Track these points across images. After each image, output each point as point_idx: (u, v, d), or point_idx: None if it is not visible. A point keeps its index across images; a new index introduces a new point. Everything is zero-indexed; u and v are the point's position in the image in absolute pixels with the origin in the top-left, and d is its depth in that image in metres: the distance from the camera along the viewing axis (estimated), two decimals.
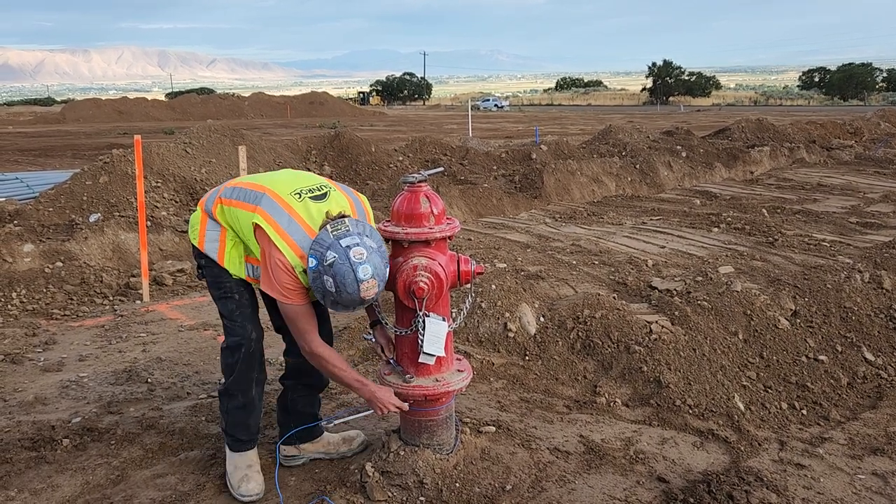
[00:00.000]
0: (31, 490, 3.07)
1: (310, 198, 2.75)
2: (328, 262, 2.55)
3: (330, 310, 2.84)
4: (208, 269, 2.99)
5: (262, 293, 2.90)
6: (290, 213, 2.70)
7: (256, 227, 2.72)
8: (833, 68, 77.54)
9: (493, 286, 4.90)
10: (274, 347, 4.74)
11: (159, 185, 9.10)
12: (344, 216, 2.68)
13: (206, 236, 2.95)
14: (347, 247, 2.56)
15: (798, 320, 4.79)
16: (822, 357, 4.46)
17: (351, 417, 3.34)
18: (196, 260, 3.07)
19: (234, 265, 2.92)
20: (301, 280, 2.71)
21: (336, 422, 3.11)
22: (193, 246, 3.02)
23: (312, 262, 2.59)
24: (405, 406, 2.91)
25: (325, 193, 2.79)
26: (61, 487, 3.09)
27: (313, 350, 2.81)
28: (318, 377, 3.18)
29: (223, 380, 3.08)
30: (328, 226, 2.63)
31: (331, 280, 2.56)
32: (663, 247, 7.28)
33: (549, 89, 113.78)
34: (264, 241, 2.72)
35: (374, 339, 3.14)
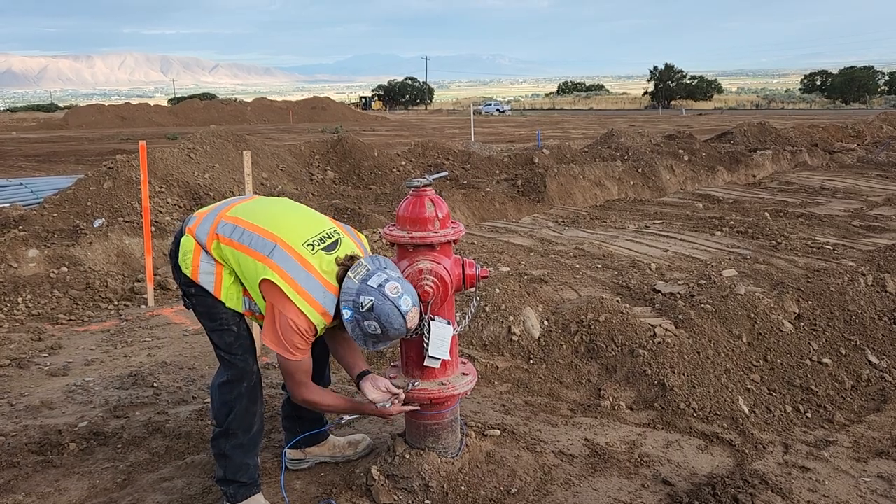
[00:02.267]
0: (38, 494, 3.08)
1: (322, 249, 2.63)
2: (366, 308, 2.52)
3: (370, 349, 2.74)
4: (199, 299, 2.76)
5: None
6: (307, 268, 2.57)
7: (267, 281, 2.57)
8: (835, 71, 77.53)
9: (497, 290, 4.91)
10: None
11: (163, 190, 9.13)
12: (354, 257, 2.65)
13: (200, 268, 2.71)
14: (380, 286, 2.54)
15: (802, 323, 4.79)
16: (826, 360, 4.47)
17: (354, 417, 3.32)
18: (183, 287, 2.81)
19: (232, 299, 2.73)
20: (315, 336, 2.63)
21: (342, 422, 3.11)
22: (182, 273, 2.76)
23: (347, 314, 2.55)
24: (411, 407, 2.89)
25: (336, 242, 2.69)
26: (68, 491, 3.10)
27: (308, 399, 2.77)
28: (322, 381, 3.14)
29: (217, 421, 2.83)
30: (349, 273, 2.58)
31: (375, 323, 2.54)
32: (666, 250, 7.28)
33: (550, 93, 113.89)
34: (275, 297, 2.56)
35: (367, 401, 2.86)
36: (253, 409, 2.83)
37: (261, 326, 2.74)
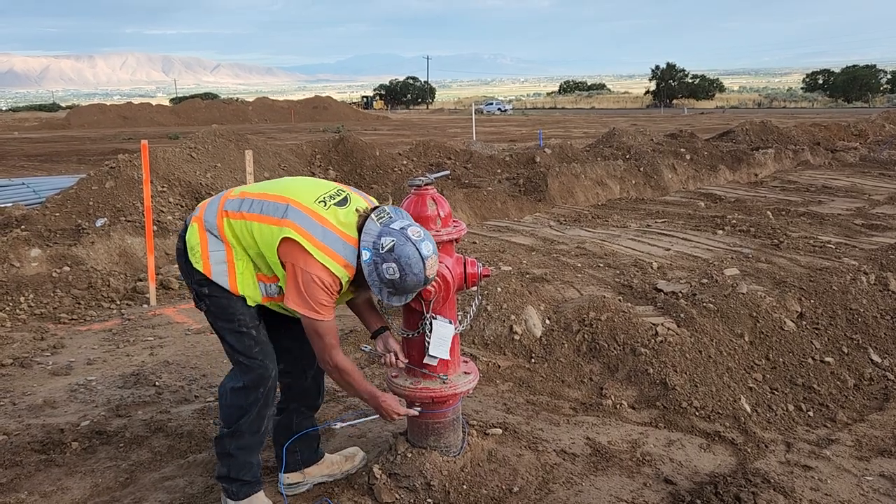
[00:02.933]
0: (40, 493, 3.09)
1: (334, 204, 2.59)
2: (386, 248, 2.46)
3: (385, 302, 2.66)
4: (213, 299, 2.66)
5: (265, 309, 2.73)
6: (322, 222, 2.54)
7: (286, 241, 2.51)
8: (837, 70, 77.41)
9: (499, 289, 4.91)
10: None
11: (165, 189, 9.14)
12: (377, 207, 2.61)
13: (211, 258, 2.63)
14: (402, 228, 2.50)
15: (804, 322, 4.79)
16: (828, 359, 4.46)
17: (358, 421, 3.31)
18: (195, 287, 2.71)
19: (249, 288, 2.65)
20: (339, 292, 2.58)
21: (343, 425, 3.11)
22: (194, 270, 2.66)
23: (366, 255, 2.50)
24: (412, 412, 2.87)
25: (346, 198, 2.64)
26: (71, 490, 3.11)
27: (338, 364, 2.65)
28: (317, 397, 3.09)
29: (225, 423, 2.77)
30: (372, 216, 2.55)
31: (393, 265, 2.47)
32: (668, 249, 7.28)
33: (552, 93, 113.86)
34: (295, 256, 2.51)
35: (375, 351, 2.98)
36: (265, 413, 2.78)
37: (283, 310, 2.68)
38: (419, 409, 2.91)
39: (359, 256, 2.54)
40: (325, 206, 2.58)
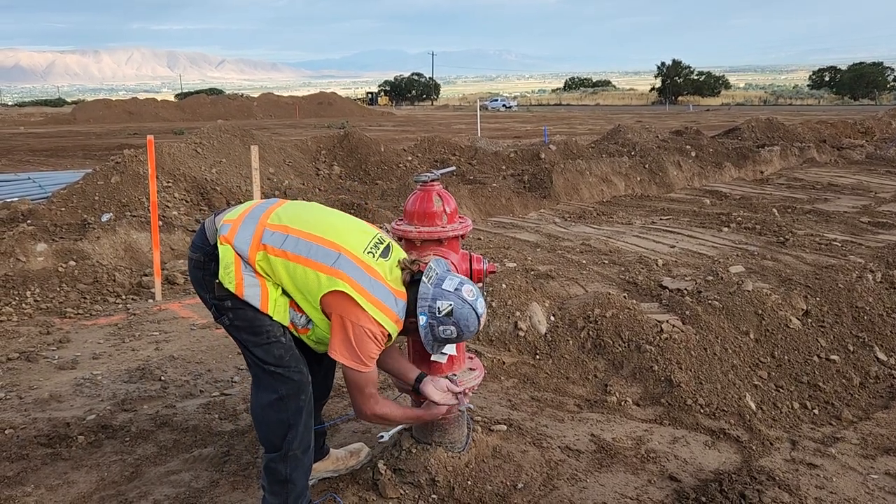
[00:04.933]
0: (47, 486, 3.10)
1: (380, 255, 2.54)
2: (444, 312, 2.48)
3: (434, 354, 2.69)
4: (238, 312, 2.52)
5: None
6: (374, 276, 2.48)
7: (337, 293, 2.43)
8: (844, 67, 77.07)
9: (504, 285, 4.91)
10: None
11: (170, 184, 9.16)
12: (416, 261, 2.60)
13: (245, 281, 2.48)
14: (456, 289, 2.51)
15: (810, 320, 4.78)
16: (833, 357, 4.45)
17: (397, 429, 3.24)
18: (216, 301, 2.54)
19: (280, 312, 2.54)
20: (385, 345, 2.55)
21: (390, 434, 3.14)
22: (219, 287, 2.50)
23: (423, 320, 2.50)
24: (464, 401, 2.83)
25: (388, 247, 2.60)
26: (77, 484, 3.12)
27: (377, 412, 2.60)
28: (326, 392, 3.07)
29: (271, 446, 2.60)
30: (423, 277, 2.54)
31: (452, 328, 2.50)
32: (673, 246, 7.26)
33: (557, 89, 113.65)
34: (347, 309, 2.43)
35: (424, 399, 2.81)
36: (310, 423, 2.66)
37: (296, 336, 2.62)
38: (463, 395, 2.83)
39: (406, 310, 2.54)
40: (374, 257, 2.52)
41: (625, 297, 5.12)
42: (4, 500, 2.98)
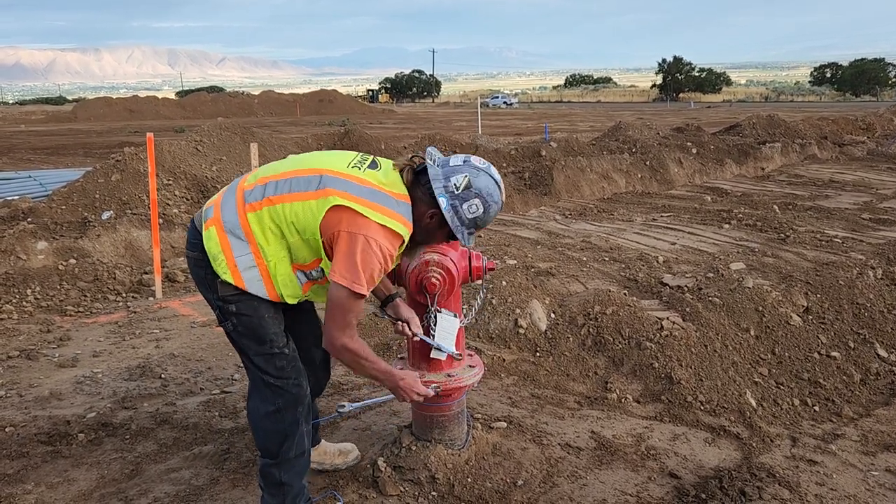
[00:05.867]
0: (47, 484, 3.10)
1: (367, 167, 2.37)
2: (463, 186, 2.31)
3: (465, 243, 2.45)
4: (242, 318, 2.41)
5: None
6: (366, 184, 2.31)
7: (333, 211, 2.25)
8: (845, 64, 76.94)
9: (504, 283, 4.90)
10: None
11: (171, 182, 9.15)
12: (415, 155, 2.47)
13: (239, 265, 2.35)
14: (465, 161, 2.36)
15: (810, 317, 4.77)
16: (834, 353, 4.45)
17: (372, 402, 3.17)
18: (218, 304, 2.43)
19: (289, 287, 2.41)
20: (392, 261, 2.36)
21: (352, 407, 3.01)
22: (221, 284, 2.38)
23: (444, 202, 2.31)
24: (430, 393, 2.68)
25: (374, 161, 2.43)
26: (77, 481, 3.13)
27: (348, 345, 2.34)
28: (323, 378, 2.98)
29: (267, 453, 2.57)
30: (428, 165, 2.36)
31: (475, 201, 2.32)
32: (674, 243, 7.26)
33: (558, 86, 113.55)
34: (348, 222, 2.24)
35: (389, 317, 2.83)
36: (306, 430, 2.60)
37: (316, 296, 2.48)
38: (437, 388, 2.77)
39: (414, 212, 2.36)
40: (361, 170, 2.36)
41: (625, 294, 5.11)
42: (5, 497, 2.98)
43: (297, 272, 2.41)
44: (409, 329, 2.79)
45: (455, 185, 2.33)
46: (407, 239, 2.36)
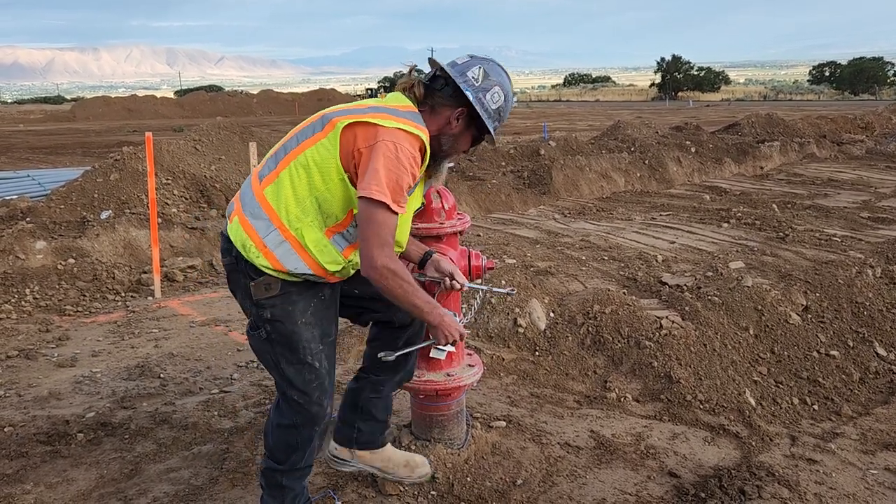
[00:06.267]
0: (46, 484, 3.10)
1: (368, 97, 2.42)
2: (482, 76, 2.30)
3: (495, 135, 2.42)
4: (276, 325, 2.32)
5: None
6: (367, 105, 2.29)
7: (346, 134, 2.19)
8: (844, 62, 76.96)
9: (503, 282, 4.90)
10: None
11: (169, 182, 9.14)
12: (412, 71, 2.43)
13: (269, 244, 2.25)
14: (471, 56, 2.34)
15: (809, 315, 4.77)
16: (833, 352, 4.45)
17: (414, 348, 2.96)
18: (253, 309, 2.34)
19: (329, 254, 2.29)
20: (419, 169, 2.30)
21: (396, 354, 2.65)
22: (255, 285, 2.29)
23: (471, 95, 2.28)
24: (466, 333, 2.55)
25: (373, 95, 2.45)
26: (76, 481, 3.12)
27: (389, 265, 2.18)
28: (402, 369, 2.72)
29: (275, 459, 2.52)
30: (443, 66, 2.34)
31: (496, 88, 2.32)
32: (673, 242, 7.26)
33: (557, 85, 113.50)
34: (366, 136, 2.18)
35: (430, 278, 2.68)
36: (318, 444, 2.56)
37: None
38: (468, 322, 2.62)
39: (437, 121, 2.33)
40: (362, 100, 2.39)
41: (624, 293, 5.11)
42: (4, 497, 2.98)
43: (333, 237, 2.30)
44: (457, 281, 2.65)
45: (473, 77, 2.30)
46: (427, 144, 2.29)
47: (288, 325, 2.32)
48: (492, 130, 2.37)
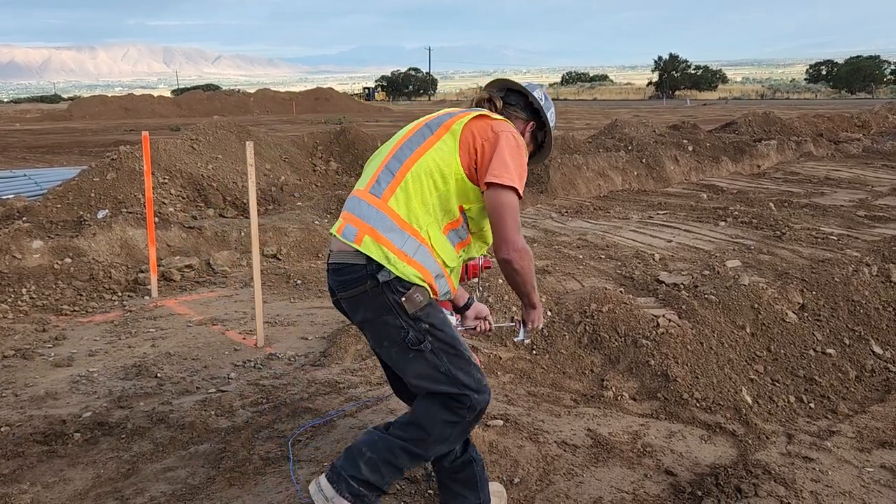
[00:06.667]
0: (43, 483, 3.10)
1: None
2: (544, 98, 2.58)
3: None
4: (437, 332, 2.28)
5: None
6: (469, 110, 2.49)
7: (465, 132, 2.32)
8: (841, 61, 77.05)
9: (500, 280, 4.91)
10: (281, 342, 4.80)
11: (166, 181, 9.13)
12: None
13: (408, 252, 2.23)
14: (528, 83, 2.60)
15: (806, 314, 4.78)
16: (829, 350, 4.46)
17: (495, 326, 2.88)
18: (410, 324, 2.25)
19: (445, 251, 2.32)
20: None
21: (522, 336, 2.71)
22: (406, 300, 2.22)
23: (549, 114, 2.59)
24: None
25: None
26: (73, 481, 3.12)
27: (522, 246, 2.31)
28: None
29: (421, 449, 2.33)
30: (522, 85, 2.59)
31: (553, 109, 2.62)
32: (670, 241, 7.27)
33: (554, 84, 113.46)
34: (483, 127, 2.33)
35: (469, 328, 2.73)
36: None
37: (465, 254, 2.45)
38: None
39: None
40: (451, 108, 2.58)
41: (621, 291, 5.12)
42: (0, 497, 2.98)
43: (448, 233, 2.35)
44: (489, 321, 2.79)
45: (540, 97, 2.57)
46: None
47: (447, 329, 2.32)
48: (551, 142, 2.67)
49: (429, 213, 2.30)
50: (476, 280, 3.02)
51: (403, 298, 2.24)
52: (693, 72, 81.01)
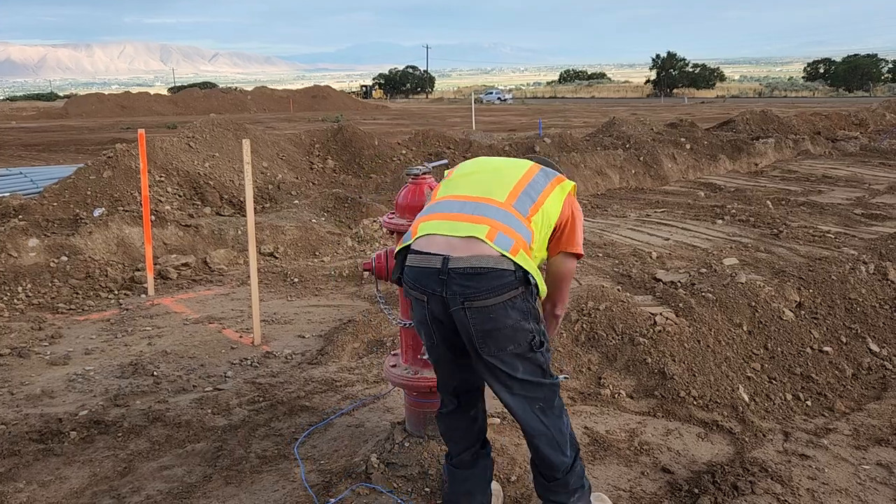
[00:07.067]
0: (39, 482, 3.09)
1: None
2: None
3: None
4: (545, 338, 2.41)
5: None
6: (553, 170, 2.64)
7: (569, 196, 2.53)
8: (838, 59, 77.16)
9: None
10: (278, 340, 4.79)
11: (163, 179, 9.12)
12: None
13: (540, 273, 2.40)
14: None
15: (803, 312, 4.78)
16: (826, 348, 4.46)
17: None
18: (533, 326, 2.33)
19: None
20: None
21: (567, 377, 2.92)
22: (538, 293, 2.38)
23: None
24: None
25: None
26: (69, 479, 3.11)
27: (567, 300, 2.71)
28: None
29: (572, 460, 2.56)
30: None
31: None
32: (667, 239, 7.27)
33: (552, 82, 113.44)
34: (571, 202, 2.54)
35: None
36: None
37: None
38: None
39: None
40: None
41: (618, 289, 5.12)
42: None
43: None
44: None
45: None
46: None
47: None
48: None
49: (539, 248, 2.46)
50: None
51: (537, 304, 2.41)
52: (691, 70, 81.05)
